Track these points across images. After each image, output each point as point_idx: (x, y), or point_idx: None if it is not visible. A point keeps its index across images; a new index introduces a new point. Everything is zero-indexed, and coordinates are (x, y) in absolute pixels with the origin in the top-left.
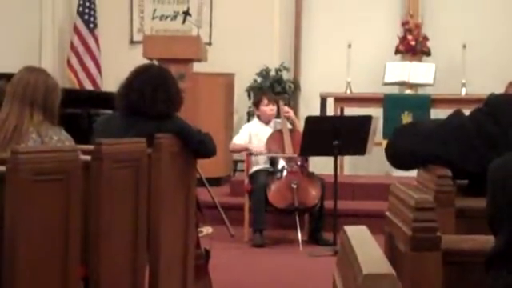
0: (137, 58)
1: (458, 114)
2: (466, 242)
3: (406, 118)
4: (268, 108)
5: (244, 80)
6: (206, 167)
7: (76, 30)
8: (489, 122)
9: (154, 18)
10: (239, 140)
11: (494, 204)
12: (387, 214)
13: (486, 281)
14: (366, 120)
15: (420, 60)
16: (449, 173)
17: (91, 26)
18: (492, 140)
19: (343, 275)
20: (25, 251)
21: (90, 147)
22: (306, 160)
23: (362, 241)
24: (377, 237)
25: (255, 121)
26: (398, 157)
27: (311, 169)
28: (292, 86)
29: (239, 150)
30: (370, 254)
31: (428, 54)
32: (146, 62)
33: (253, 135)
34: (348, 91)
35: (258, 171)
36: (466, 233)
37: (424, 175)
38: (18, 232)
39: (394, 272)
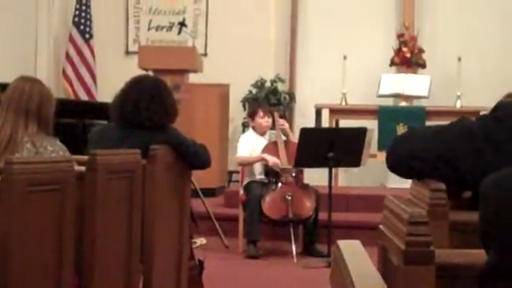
0: (132, 69)
1: (463, 119)
2: (459, 256)
3: (401, 130)
4: (263, 120)
5: (239, 91)
6: (200, 178)
7: (71, 40)
8: (497, 128)
9: (149, 29)
10: (244, 152)
11: (486, 219)
12: (381, 227)
13: None
14: (361, 132)
15: (415, 72)
16: (443, 186)
17: (87, 36)
18: (499, 146)
19: None
20: (19, 262)
21: (85, 158)
22: (301, 172)
23: (355, 255)
24: (371, 249)
25: (250, 132)
26: (402, 162)
27: (306, 180)
28: (287, 97)
29: (253, 162)
30: (362, 269)
31: (423, 66)
32: (142, 72)
33: (249, 147)
34: (343, 103)
35: (252, 182)
36: (459, 246)
37: (418, 188)
38: (12, 242)
39: (385, 286)
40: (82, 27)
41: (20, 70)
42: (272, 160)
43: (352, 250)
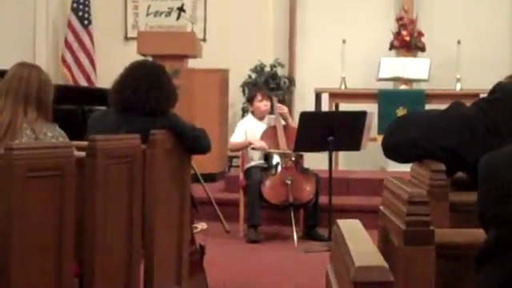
0: (131, 55)
1: (457, 104)
2: (459, 236)
3: (401, 113)
4: (262, 104)
5: (239, 76)
6: (200, 163)
7: (70, 26)
8: (493, 109)
9: (148, 15)
10: (237, 138)
11: (484, 199)
12: (381, 208)
13: (476, 276)
14: (361, 115)
15: (415, 55)
16: (443, 167)
17: (85, 22)
18: (497, 127)
19: (336, 268)
20: (18, 248)
21: (85, 143)
22: (301, 156)
23: (355, 234)
24: (371, 232)
25: (249, 117)
26: (397, 148)
27: (306, 164)
28: (287, 81)
29: (241, 147)
30: (362, 247)
31: (422, 49)
32: (141, 58)
33: (247, 131)
34: (343, 87)
35: (252, 167)
36: (460, 227)
37: (418, 170)
38: (12, 228)
39: (386, 264)
40: (80, 13)
41: (19, 56)
42: (259, 144)
43: (352, 229)
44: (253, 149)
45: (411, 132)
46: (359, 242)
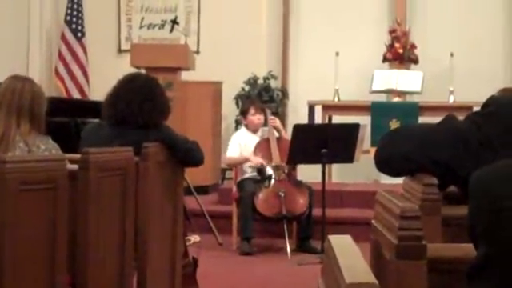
0: (124, 67)
1: (450, 117)
2: (451, 251)
3: (394, 126)
4: (255, 117)
5: (232, 88)
6: (193, 175)
7: (64, 38)
8: (486, 122)
9: (141, 27)
10: (233, 153)
11: (475, 214)
12: (373, 222)
13: None
14: (354, 128)
15: (408, 68)
16: (435, 181)
17: (79, 34)
18: (490, 140)
19: (327, 284)
20: (11, 260)
21: (78, 156)
22: (294, 168)
23: (346, 250)
24: (364, 245)
25: (243, 130)
26: (390, 162)
27: (299, 177)
28: (280, 94)
29: (238, 163)
30: (353, 263)
31: (416, 61)
32: (134, 70)
33: (241, 144)
34: (336, 99)
35: (245, 179)
36: (452, 241)
37: (410, 183)
38: (5, 241)
39: (376, 281)
40: (74, 26)
41: (12, 69)
42: (255, 161)
43: (343, 245)
44: (250, 167)
45: (404, 145)
46: (350, 257)
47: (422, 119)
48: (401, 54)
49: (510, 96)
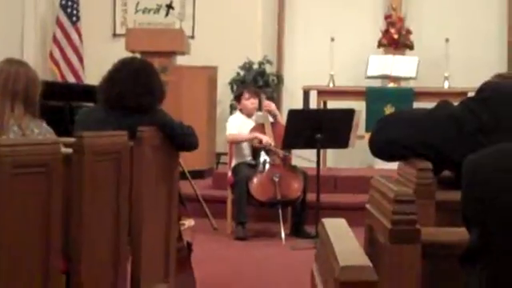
0: (119, 51)
1: (445, 103)
2: (445, 235)
3: (389, 111)
4: (249, 102)
5: (227, 73)
6: (188, 160)
7: (59, 23)
8: (481, 108)
9: (136, 12)
10: (233, 130)
11: (468, 200)
12: (367, 206)
13: (462, 276)
14: (349, 113)
15: (403, 53)
16: (429, 165)
17: (74, 19)
18: (485, 126)
19: (321, 267)
20: (5, 245)
21: (72, 140)
22: (289, 153)
23: (340, 233)
24: (359, 229)
25: (237, 114)
26: (383, 147)
27: (294, 162)
28: (275, 79)
29: (245, 140)
30: (347, 247)
31: (411, 47)
32: (129, 55)
33: (237, 127)
34: (331, 84)
35: (240, 164)
36: (446, 226)
37: (405, 168)
38: None
39: (370, 264)
40: (69, 10)
41: (7, 52)
42: (265, 139)
43: (337, 228)
44: (259, 143)
45: (397, 130)
46: (344, 241)
47: (417, 105)
48: (396, 40)
49: (505, 82)
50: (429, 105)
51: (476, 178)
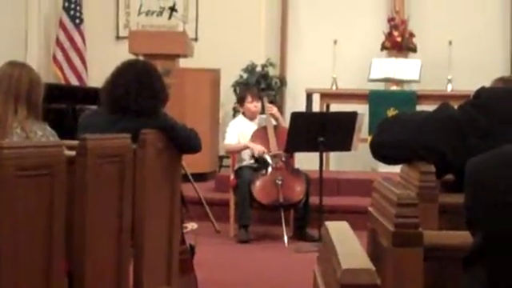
0: (123, 54)
1: (446, 105)
2: (447, 238)
3: (392, 114)
4: (252, 105)
5: (230, 76)
6: (191, 163)
7: (62, 25)
8: (479, 114)
9: (139, 14)
10: (231, 140)
11: (471, 203)
12: (370, 209)
13: (464, 279)
14: (352, 116)
15: (406, 56)
16: (432, 169)
17: (77, 21)
18: (483, 131)
19: (323, 270)
20: (8, 247)
21: (75, 143)
22: (291, 156)
23: (343, 236)
24: (362, 233)
25: (240, 117)
26: (384, 149)
27: (296, 165)
28: (278, 81)
29: (238, 150)
30: (349, 249)
31: (414, 50)
32: (132, 57)
33: (239, 132)
34: (334, 87)
35: (243, 167)
36: (449, 229)
37: (408, 171)
38: (2, 227)
39: (372, 267)
40: (72, 12)
41: (10, 55)
42: (257, 148)
43: (340, 231)
44: (252, 156)
45: (398, 133)
46: (347, 243)
47: (420, 108)
48: (399, 43)
49: (499, 88)
50: (432, 108)
51: (479, 180)
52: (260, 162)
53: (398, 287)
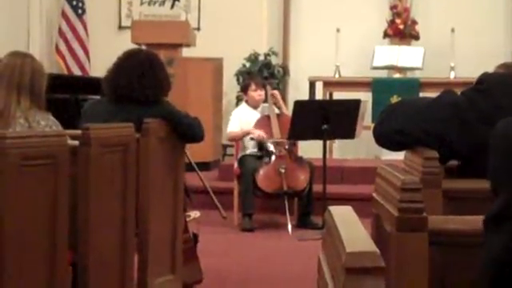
0: (125, 44)
1: (448, 92)
2: (451, 223)
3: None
4: (256, 93)
5: (233, 65)
6: (195, 152)
7: (64, 15)
8: (482, 99)
9: (142, 4)
10: (233, 128)
11: (498, 163)
12: (374, 195)
13: (471, 260)
14: (355, 104)
15: (409, 44)
16: (436, 154)
17: (79, 11)
18: (485, 116)
19: (328, 255)
20: (12, 237)
21: (78, 132)
22: (295, 144)
23: (347, 220)
24: (365, 220)
25: (243, 105)
26: (387, 136)
27: (300, 153)
28: (281, 70)
29: (239, 137)
30: (353, 233)
31: (417, 37)
32: (135, 47)
33: (242, 120)
34: (337, 75)
35: (246, 156)
36: (452, 214)
37: (411, 157)
38: (6, 217)
39: (377, 250)
40: (74, 2)
41: (13, 45)
42: (257, 133)
43: (344, 216)
44: (251, 139)
45: (401, 119)
46: (351, 227)
47: (423, 95)
48: (402, 30)
49: (502, 73)
50: (435, 95)
51: (508, 142)
52: (263, 150)
53: (403, 272)
